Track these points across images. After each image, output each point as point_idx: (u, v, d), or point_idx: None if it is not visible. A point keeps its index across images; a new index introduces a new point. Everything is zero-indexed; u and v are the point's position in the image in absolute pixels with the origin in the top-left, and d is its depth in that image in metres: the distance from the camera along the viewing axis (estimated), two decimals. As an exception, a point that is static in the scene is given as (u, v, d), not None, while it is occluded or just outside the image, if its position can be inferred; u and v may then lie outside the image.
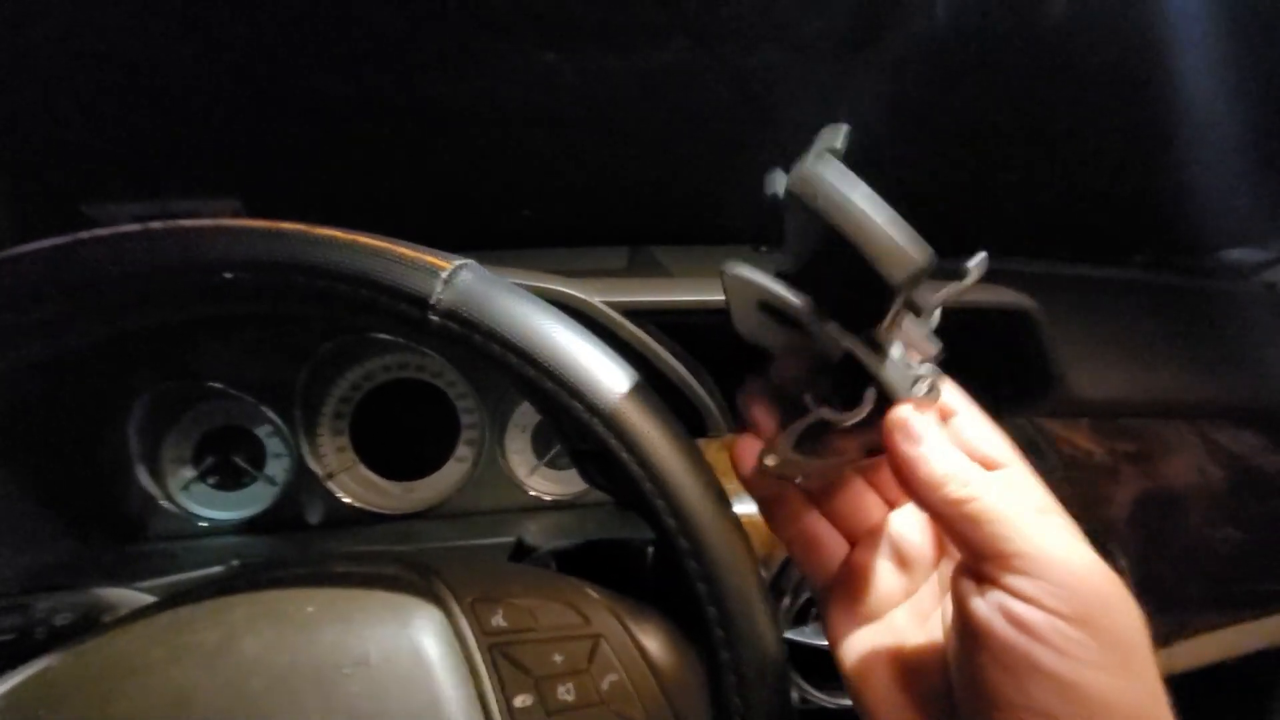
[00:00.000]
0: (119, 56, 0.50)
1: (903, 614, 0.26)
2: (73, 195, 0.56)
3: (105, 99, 0.52)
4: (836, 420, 0.24)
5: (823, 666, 0.44)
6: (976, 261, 0.22)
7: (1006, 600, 0.20)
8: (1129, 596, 0.20)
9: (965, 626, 0.21)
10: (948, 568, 0.26)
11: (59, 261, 0.24)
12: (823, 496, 0.28)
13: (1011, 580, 0.20)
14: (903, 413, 0.22)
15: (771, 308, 0.24)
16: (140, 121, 0.54)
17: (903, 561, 0.26)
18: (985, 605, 0.20)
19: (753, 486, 0.28)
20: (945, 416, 0.25)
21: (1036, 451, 0.52)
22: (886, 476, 0.28)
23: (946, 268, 0.24)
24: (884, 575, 0.26)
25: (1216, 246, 0.75)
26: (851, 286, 0.21)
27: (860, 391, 0.24)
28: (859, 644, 0.25)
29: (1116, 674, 0.19)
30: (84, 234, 0.24)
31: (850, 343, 0.23)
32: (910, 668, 0.24)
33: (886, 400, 0.23)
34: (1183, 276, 0.67)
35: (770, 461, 0.26)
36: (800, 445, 0.25)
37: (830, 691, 0.44)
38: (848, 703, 0.44)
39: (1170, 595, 0.52)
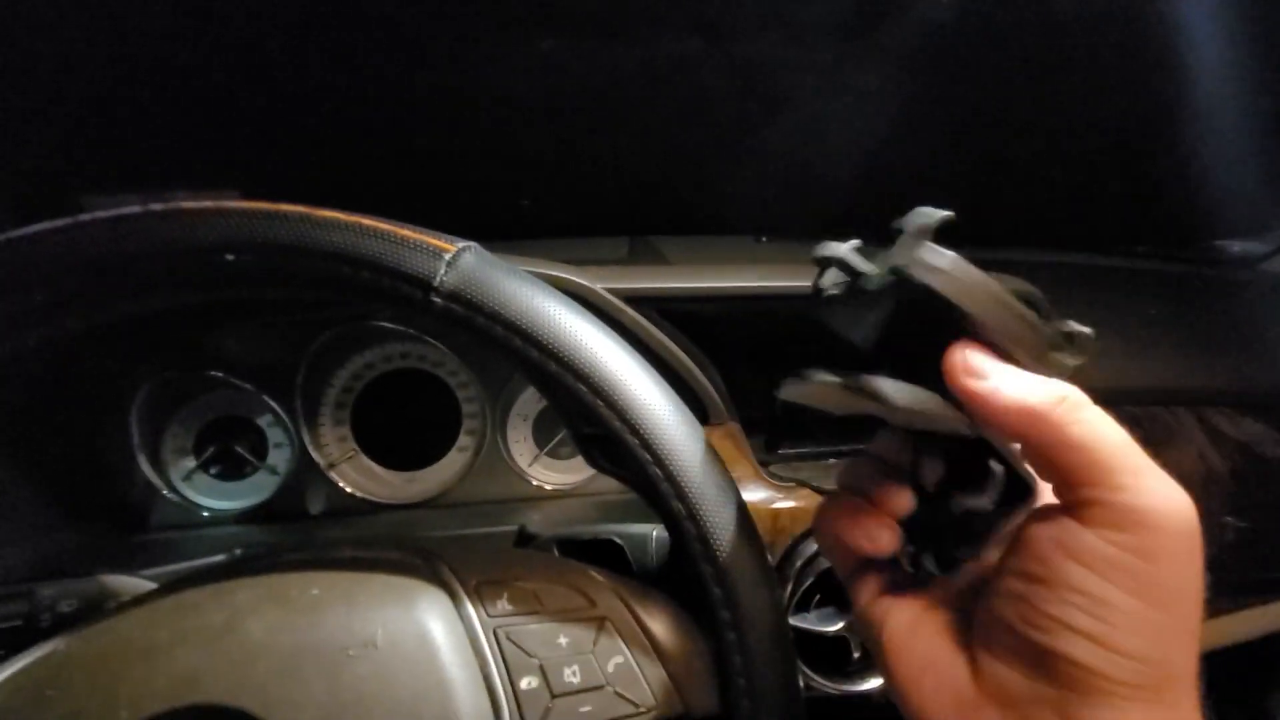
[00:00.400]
0: (118, 48, 0.50)
1: (944, 590, 0.25)
2: (72, 188, 0.56)
3: (104, 91, 0.52)
4: (979, 508, 0.23)
5: (825, 653, 0.44)
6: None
7: (1068, 531, 0.20)
8: (1197, 526, 0.20)
9: (1025, 559, 0.21)
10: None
11: (59, 244, 0.24)
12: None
13: (1087, 510, 0.20)
14: (964, 353, 0.21)
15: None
16: (139, 113, 0.54)
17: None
18: (1047, 539, 0.20)
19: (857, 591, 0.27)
20: None
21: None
22: None
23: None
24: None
25: (1218, 236, 0.75)
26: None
27: (978, 465, 0.23)
28: (897, 619, 0.25)
29: (1155, 605, 0.19)
30: (84, 216, 0.24)
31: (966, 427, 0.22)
32: (952, 638, 0.24)
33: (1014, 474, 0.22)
34: (1184, 266, 0.67)
35: (930, 566, 0.25)
36: (962, 539, 0.24)
37: (833, 678, 0.44)
38: (850, 689, 0.44)
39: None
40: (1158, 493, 0.20)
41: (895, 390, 0.21)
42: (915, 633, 0.24)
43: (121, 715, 0.21)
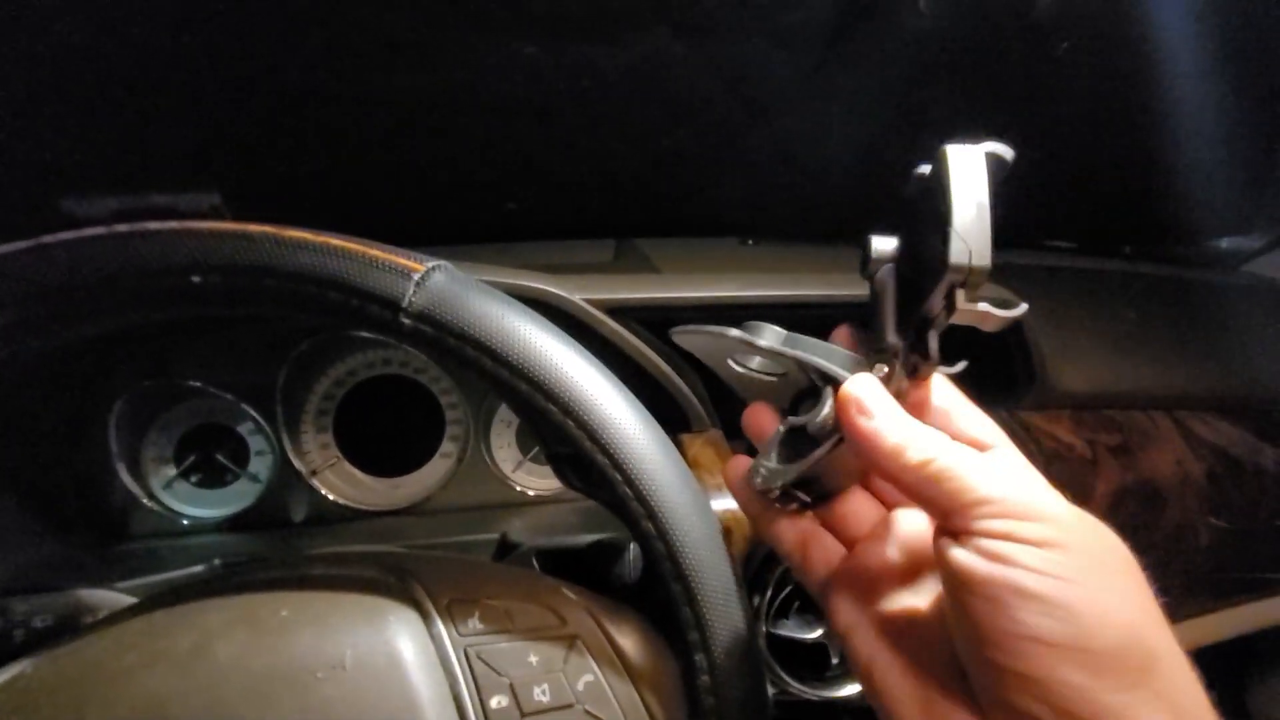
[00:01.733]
0: (96, 48, 0.49)
1: (910, 600, 0.25)
2: (49, 189, 0.56)
3: (82, 91, 0.52)
4: (800, 423, 0.25)
5: (804, 659, 0.44)
6: (1020, 310, 0.23)
7: (981, 542, 0.20)
8: (1104, 527, 0.21)
9: (951, 579, 0.21)
10: None
11: (22, 267, 0.23)
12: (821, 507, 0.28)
13: (982, 524, 0.20)
14: (853, 387, 0.23)
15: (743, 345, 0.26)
16: (118, 114, 0.54)
17: (907, 553, 0.26)
18: (963, 553, 0.20)
19: (745, 505, 0.28)
20: (922, 407, 0.25)
21: (1018, 445, 0.52)
22: (882, 483, 0.28)
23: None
24: (889, 568, 0.26)
25: (1202, 236, 0.75)
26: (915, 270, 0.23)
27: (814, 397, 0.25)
28: (867, 633, 0.25)
29: (1102, 592, 0.19)
30: (47, 238, 0.24)
31: (803, 352, 0.25)
32: (921, 649, 0.23)
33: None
34: (1166, 267, 0.67)
35: (757, 479, 0.26)
36: (782, 457, 0.26)
37: (812, 684, 0.44)
38: (829, 695, 0.44)
39: (1150, 584, 0.53)
40: (1039, 494, 0.21)
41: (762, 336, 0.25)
42: (901, 661, 0.23)
43: (87, 741, 0.22)
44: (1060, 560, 0.19)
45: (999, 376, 0.55)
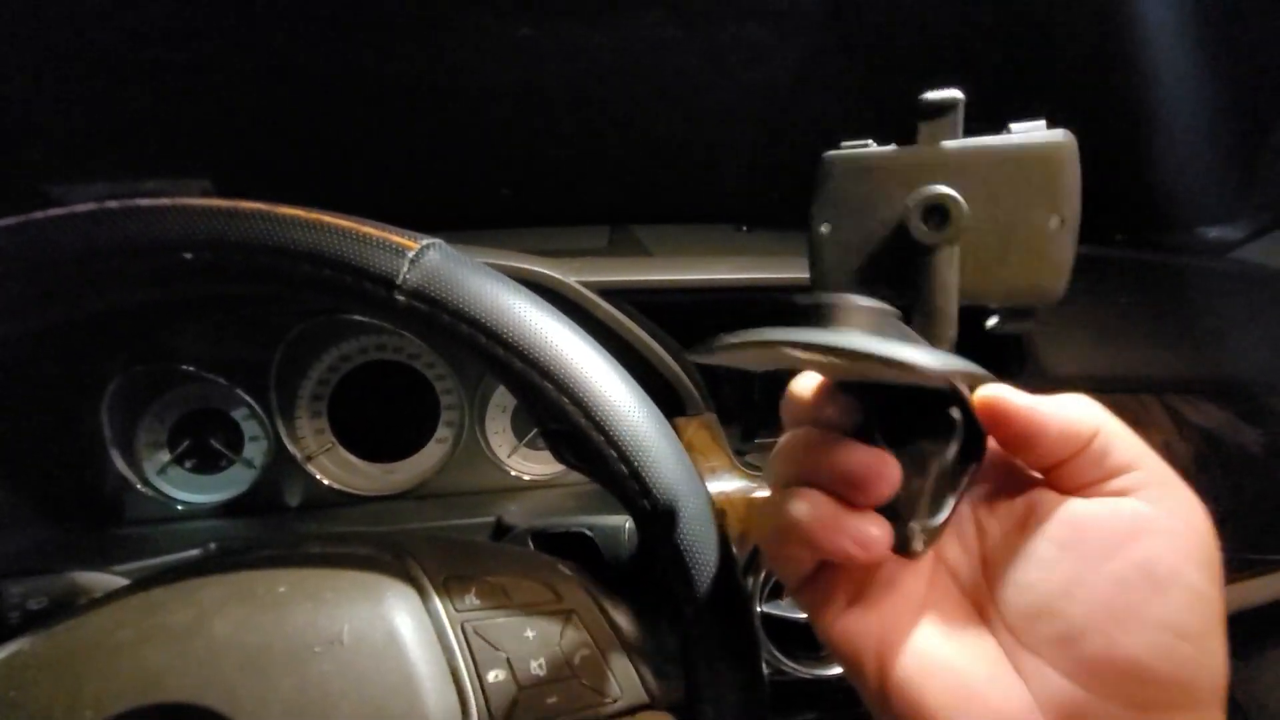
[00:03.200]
0: (83, 34, 0.48)
1: (900, 583, 0.22)
2: (35, 174, 0.55)
3: (69, 75, 0.51)
4: (951, 462, 0.21)
5: (797, 637, 0.45)
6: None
7: (1141, 510, 0.19)
8: None
9: (1090, 542, 0.19)
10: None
11: (12, 243, 0.23)
12: None
13: (1143, 492, 0.19)
14: (990, 391, 0.20)
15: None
16: (105, 99, 0.53)
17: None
18: (1117, 517, 0.19)
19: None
20: None
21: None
22: None
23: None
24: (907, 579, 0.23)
25: (1189, 225, 0.76)
26: None
27: (932, 419, 0.21)
28: (898, 639, 0.21)
29: (1211, 586, 0.18)
30: (36, 215, 0.23)
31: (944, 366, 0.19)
32: (984, 654, 0.21)
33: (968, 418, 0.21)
34: (1155, 253, 0.68)
35: (918, 545, 0.21)
36: (935, 506, 0.21)
37: (805, 662, 0.45)
38: (822, 673, 0.45)
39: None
40: (1178, 475, 0.19)
41: (837, 337, 0.18)
42: (931, 656, 0.20)
43: (86, 715, 0.22)
44: (1209, 552, 0.18)
45: (990, 360, 0.55)
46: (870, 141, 0.24)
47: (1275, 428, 0.58)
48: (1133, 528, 0.19)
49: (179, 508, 0.49)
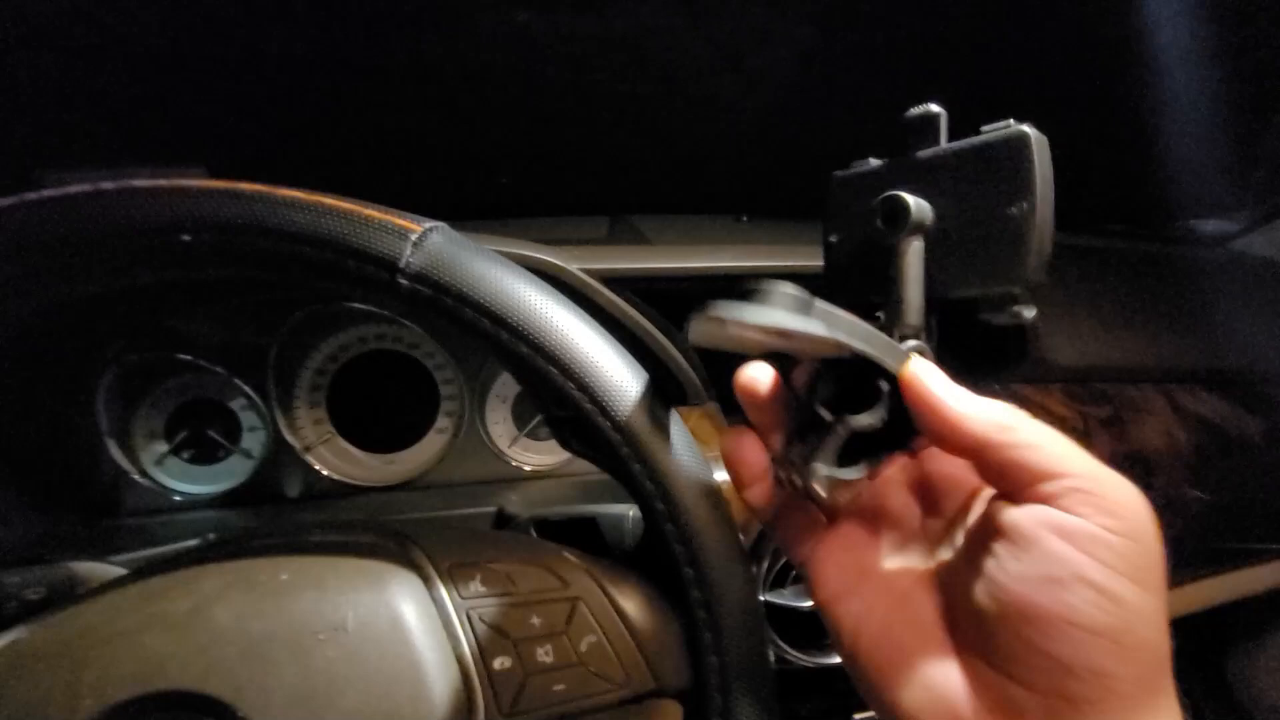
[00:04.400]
0: (76, 19, 0.48)
1: (895, 568, 0.25)
2: (27, 163, 0.54)
3: (61, 62, 0.50)
4: (867, 426, 0.23)
5: (801, 627, 0.45)
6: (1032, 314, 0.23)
7: (1054, 515, 0.20)
8: (1154, 521, 0.20)
9: (1005, 544, 0.20)
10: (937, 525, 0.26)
11: (6, 223, 0.23)
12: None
13: (1063, 499, 0.20)
14: (918, 369, 0.22)
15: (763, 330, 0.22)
16: (99, 86, 0.52)
17: (891, 522, 0.26)
18: (1030, 520, 0.20)
19: (753, 495, 0.26)
20: None
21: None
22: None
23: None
24: (872, 538, 0.26)
25: (1190, 215, 0.76)
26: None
27: (864, 389, 0.23)
28: (851, 603, 0.24)
29: (1150, 589, 0.19)
30: (31, 195, 0.23)
31: (849, 338, 0.21)
32: (908, 616, 0.23)
33: (895, 390, 0.22)
34: (1155, 245, 0.68)
35: (816, 484, 0.23)
36: (840, 460, 0.23)
37: (808, 651, 0.45)
38: (825, 662, 0.45)
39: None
40: (1119, 480, 0.20)
41: (815, 326, 0.21)
42: (890, 628, 0.23)
43: (86, 703, 0.21)
44: (1126, 555, 0.19)
45: (992, 350, 0.55)
46: (872, 160, 0.27)
47: (1275, 417, 0.59)
48: (1041, 532, 0.20)
49: (177, 499, 0.49)
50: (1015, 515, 0.20)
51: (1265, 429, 0.58)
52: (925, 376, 0.22)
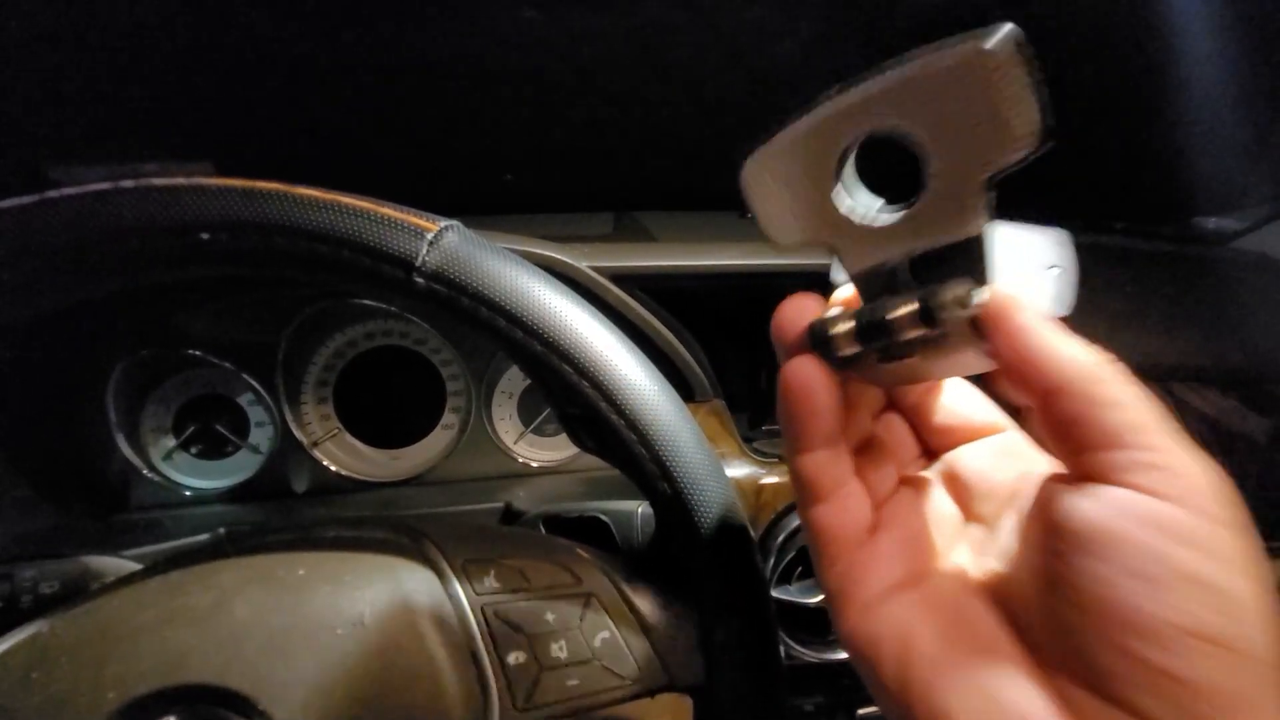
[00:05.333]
0: (85, 12, 0.48)
1: (944, 576, 0.22)
2: (37, 158, 0.54)
3: (71, 58, 0.50)
4: (932, 297, 0.18)
5: (806, 622, 0.45)
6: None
7: (1137, 500, 0.16)
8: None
9: (1080, 541, 0.17)
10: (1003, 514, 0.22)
11: (25, 222, 0.23)
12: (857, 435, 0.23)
13: (1147, 478, 0.16)
14: (1010, 288, 0.18)
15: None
16: (109, 81, 0.52)
17: (932, 526, 0.23)
18: (1105, 508, 0.17)
19: (797, 365, 0.21)
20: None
21: (1014, 416, 0.53)
22: (930, 419, 0.24)
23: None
24: (913, 545, 0.22)
25: (1194, 213, 0.76)
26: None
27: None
28: (896, 621, 0.21)
29: (1258, 581, 0.16)
30: (52, 193, 0.23)
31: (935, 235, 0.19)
32: (964, 631, 0.20)
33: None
34: (1160, 243, 0.68)
35: (844, 336, 0.20)
36: (868, 341, 0.20)
37: (813, 647, 0.45)
38: (830, 657, 0.45)
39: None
40: (1202, 460, 0.17)
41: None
42: (947, 645, 0.19)
43: (109, 696, 0.22)
44: (1229, 544, 0.16)
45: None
46: None
47: (1279, 415, 0.59)
48: (1123, 523, 0.16)
49: (185, 493, 0.49)
50: (1087, 508, 0.17)
51: (1270, 428, 0.58)
52: (1018, 296, 0.18)
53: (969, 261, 0.19)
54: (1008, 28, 0.18)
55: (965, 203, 0.18)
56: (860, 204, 0.21)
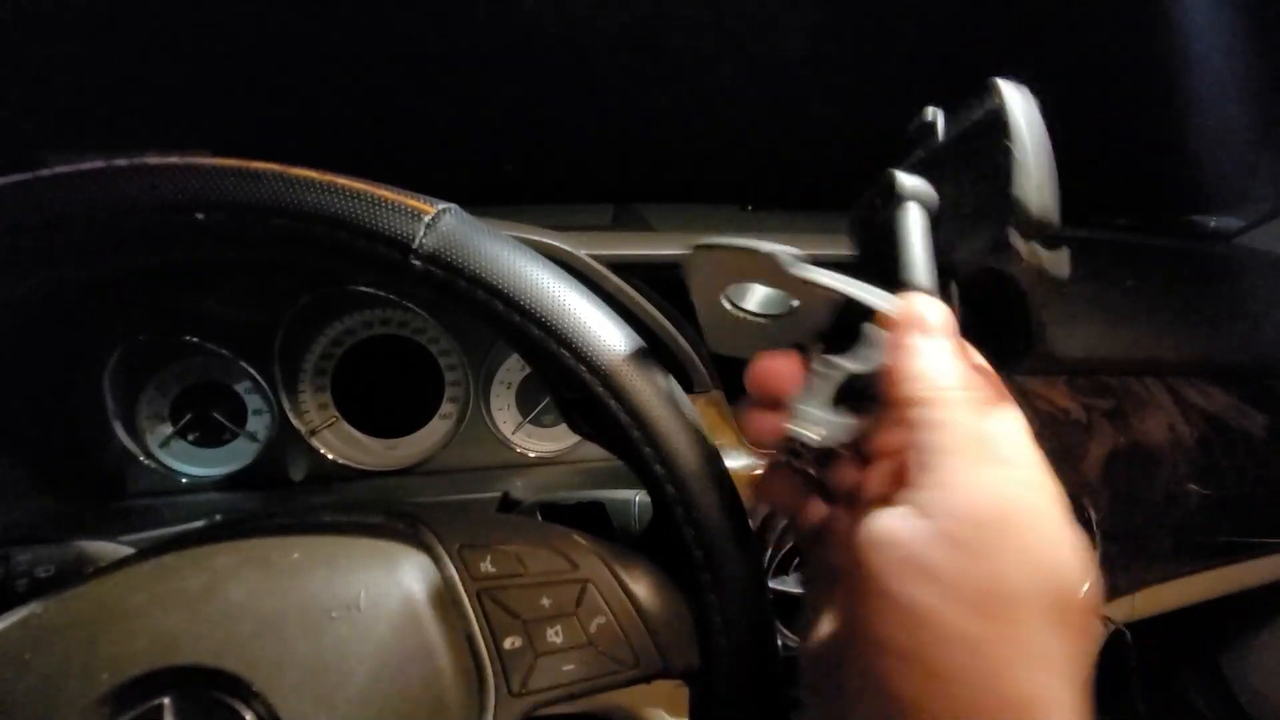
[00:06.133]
0: (84, 3, 0.47)
1: None
2: (33, 145, 0.54)
3: (65, 45, 0.50)
4: (855, 369, 0.22)
5: (800, 613, 0.45)
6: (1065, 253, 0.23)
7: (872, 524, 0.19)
8: (1049, 545, 0.17)
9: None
10: None
11: (18, 200, 0.23)
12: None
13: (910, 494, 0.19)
14: (911, 306, 0.21)
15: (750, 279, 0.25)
16: (103, 68, 0.52)
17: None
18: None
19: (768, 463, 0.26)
20: None
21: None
22: None
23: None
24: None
25: (1194, 210, 0.76)
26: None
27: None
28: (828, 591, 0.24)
29: (979, 618, 0.16)
30: (44, 171, 0.23)
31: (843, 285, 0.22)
32: None
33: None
34: (1161, 239, 0.68)
35: (812, 434, 0.22)
36: (839, 410, 0.23)
37: (810, 638, 0.45)
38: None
39: (1138, 546, 0.54)
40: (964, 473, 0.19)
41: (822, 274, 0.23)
42: None
43: (102, 678, 0.21)
44: (954, 566, 0.17)
45: (997, 340, 0.55)
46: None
47: (1278, 411, 0.59)
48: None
49: (182, 481, 0.49)
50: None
51: (1268, 424, 0.58)
52: (911, 317, 0.21)
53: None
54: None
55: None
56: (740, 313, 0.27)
